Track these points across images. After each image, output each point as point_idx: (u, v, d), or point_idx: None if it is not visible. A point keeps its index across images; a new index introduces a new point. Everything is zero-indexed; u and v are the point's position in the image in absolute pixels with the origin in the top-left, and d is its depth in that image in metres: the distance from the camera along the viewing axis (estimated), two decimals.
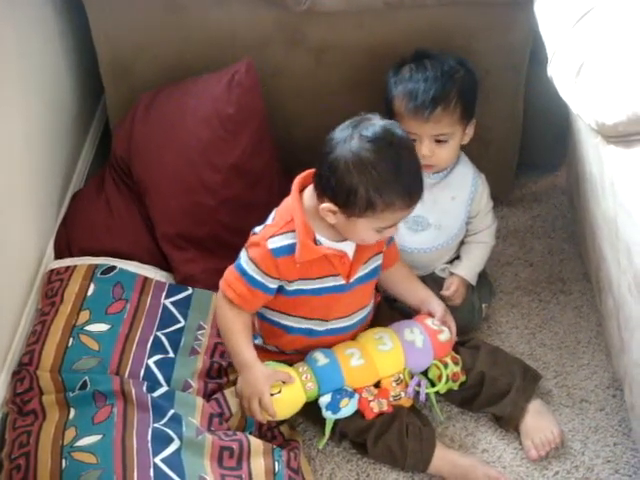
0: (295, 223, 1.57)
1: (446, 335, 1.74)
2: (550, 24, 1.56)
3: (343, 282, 1.64)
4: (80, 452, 1.50)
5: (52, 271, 1.88)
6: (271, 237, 1.58)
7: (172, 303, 1.85)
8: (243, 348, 1.63)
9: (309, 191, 1.60)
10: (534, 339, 1.93)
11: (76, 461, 1.48)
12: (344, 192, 1.50)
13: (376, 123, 1.52)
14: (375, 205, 1.50)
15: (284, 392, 1.63)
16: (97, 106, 2.34)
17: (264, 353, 1.71)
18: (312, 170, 1.60)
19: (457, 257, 1.95)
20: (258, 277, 1.60)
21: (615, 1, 1.41)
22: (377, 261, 1.70)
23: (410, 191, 1.52)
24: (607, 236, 1.61)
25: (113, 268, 1.87)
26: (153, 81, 2.01)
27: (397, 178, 1.49)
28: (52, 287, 1.83)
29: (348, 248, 1.62)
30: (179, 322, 1.82)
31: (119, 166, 2.00)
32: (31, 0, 1.92)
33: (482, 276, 1.96)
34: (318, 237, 1.58)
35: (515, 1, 1.84)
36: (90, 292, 1.81)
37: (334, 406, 1.64)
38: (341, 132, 1.53)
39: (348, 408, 1.65)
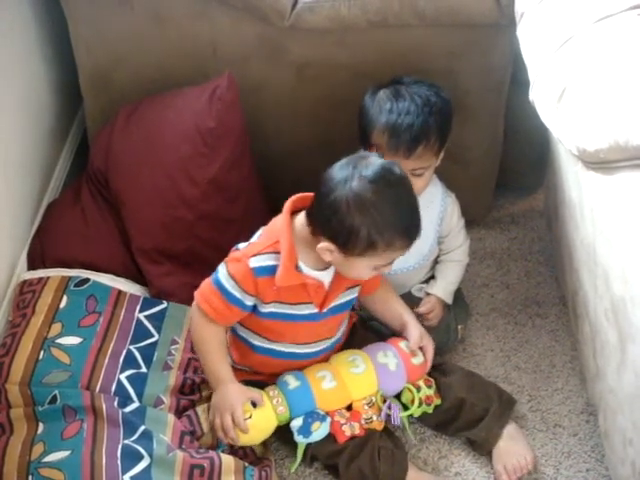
0: (281, 246, 1.56)
1: (420, 359, 1.74)
2: (533, 48, 1.56)
3: (316, 310, 1.63)
4: (47, 468, 1.47)
5: (24, 282, 1.85)
6: (254, 255, 1.57)
7: (146, 317, 1.83)
8: (219, 365, 1.64)
9: (302, 217, 1.59)
10: (509, 362, 1.92)
11: (43, 478, 1.46)
12: (345, 233, 1.49)
13: (375, 162, 1.52)
14: (376, 245, 1.50)
15: (255, 417, 1.61)
16: (75, 116, 2.32)
17: (236, 373, 1.69)
18: (306, 195, 1.59)
19: (433, 276, 1.94)
20: (237, 294, 1.58)
21: (598, 28, 1.41)
22: (352, 294, 1.69)
23: (409, 230, 1.53)
24: (585, 261, 1.61)
25: (87, 280, 1.85)
26: (133, 93, 1.99)
27: (397, 218, 1.50)
28: (24, 298, 1.80)
29: (325, 278, 1.61)
30: (152, 336, 1.80)
31: (96, 178, 1.98)
32: (11, 8, 1.90)
33: (458, 297, 1.96)
34: (300, 263, 1.58)
35: (497, 23, 1.84)
36: (63, 304, 1.78)
37: (306, 430, 1.63)
38: (340, 171, 1.51)
39: (320, 432, 1.63)
